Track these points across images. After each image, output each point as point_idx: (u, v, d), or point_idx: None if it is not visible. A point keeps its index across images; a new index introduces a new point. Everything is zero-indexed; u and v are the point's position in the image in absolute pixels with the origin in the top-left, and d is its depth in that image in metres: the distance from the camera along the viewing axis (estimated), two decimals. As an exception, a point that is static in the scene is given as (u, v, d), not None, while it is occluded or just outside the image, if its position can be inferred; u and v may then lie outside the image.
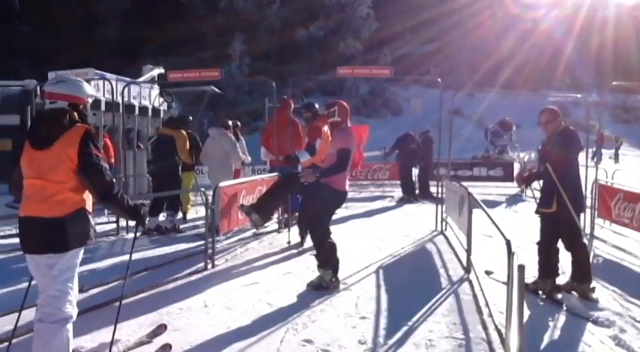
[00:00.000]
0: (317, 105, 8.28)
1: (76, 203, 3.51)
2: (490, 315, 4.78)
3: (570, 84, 41.57)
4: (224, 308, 5.09)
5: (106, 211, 9.50)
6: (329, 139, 6.58)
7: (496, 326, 4.49)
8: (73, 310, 3.52)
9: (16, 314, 3.81)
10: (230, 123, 9.99)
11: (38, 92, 12.75)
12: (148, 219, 3.79)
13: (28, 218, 3.50)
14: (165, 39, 33.80)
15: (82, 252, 3.59)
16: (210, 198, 7.01)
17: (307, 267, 6.59)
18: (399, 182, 14.71)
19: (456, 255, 7.29)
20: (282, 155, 8.33)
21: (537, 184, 5.86)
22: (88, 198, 3.61)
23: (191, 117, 10.49)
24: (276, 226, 9.12)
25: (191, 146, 9.38)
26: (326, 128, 7.21)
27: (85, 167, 3.47)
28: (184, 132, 9.27)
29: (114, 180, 3.64)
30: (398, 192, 14.60)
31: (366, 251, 7.56)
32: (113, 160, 12.26)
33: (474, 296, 5.44)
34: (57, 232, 3.43)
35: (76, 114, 3.60)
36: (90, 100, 3.81)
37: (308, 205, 6.12)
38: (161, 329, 4.49)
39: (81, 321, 4.00)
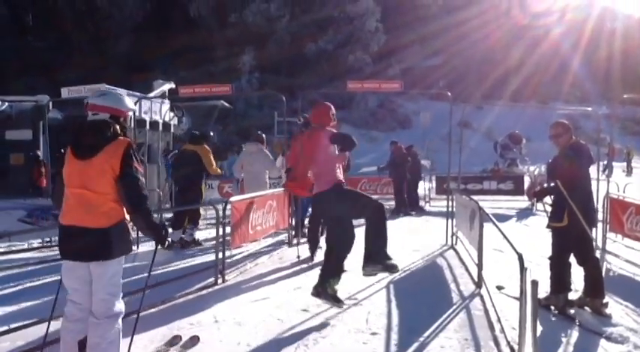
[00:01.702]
0: None
1: (119, 214, 3.69)
2: (502, 331, 4.74)
3: (579, 96, 41.47)
4: (234, 324, 5.09)
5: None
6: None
7: (508, 343, 4.45)
8: (122, 306, 3.80)
9: (38, 325, 4.04)
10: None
11: (50, 107, 12.89)
12: (169, 238, 3.85)
13: (72, 227, 3.65)
14: (175, 53, 34.13)
15: (123, 259, 3.79)
16: (221, 213, 7.02)
17: (317, 282, 6.58)
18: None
19: (466, 269, 7.25)
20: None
21: (548, 198, 5.83)
22: None
23: (212, 133, 10.64)
24: (285, 240, 9.12)
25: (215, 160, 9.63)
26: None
27: (125, 178, 3.63)
28: (207, 147, 9.43)
29: (147, 195, 3.78)
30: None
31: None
32: None
33: (486, 312, 5.40)
34: (103, 242, 3.61)
35: (118, 126, 3.77)
36: (130, 114, 4.01)
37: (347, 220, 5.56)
38: (176, 339, 4.56)
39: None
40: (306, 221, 9.15)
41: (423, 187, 17.02)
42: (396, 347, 4.50)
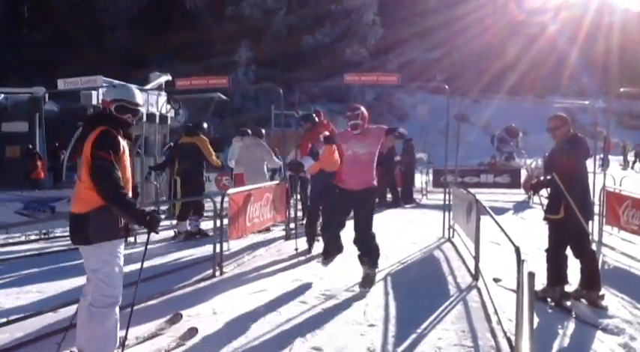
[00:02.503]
0: (314, 115, 8.54)
1: (98, 200, 3.66)
2: (499, 323, 4.76)
3: (577, 90, 41.49)
4: (232, 315, 5.10)
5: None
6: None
7: (505, 334, 4.47)
8: (118, 296, 3.81)
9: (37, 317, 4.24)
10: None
11: (46, 99, 12.83)
12: (159, 221, 3.88)
13: (69, 214, 3.86)
14: (172, 46, 34.01)
15: (116, 246, 3.81)
16: (218, 205, 7.03)
17: (315, 275, 6.60)
18: (399, 188, 14.94)
19: (463, 262, 7.27)
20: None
21: (545, 191, 5.85)
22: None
23: (206, 124, 10.68)
24: (283, 233, 9.14)
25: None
26: (327, 134, 7.32)
27: (92, 168, 3.64)
28: (204, 137, 9.51)
29: (120, 183, 3.67)
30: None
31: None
32: None
33: (483, 304, 5.42)
34: (81, 227, 3.70)
35: (105, 115, 3.86)
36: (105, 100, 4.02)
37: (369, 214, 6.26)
38: (177, 317, 4.75)
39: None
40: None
41: (420, 180, 17.05)
42: (393, 339, 4.52)
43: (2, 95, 15.80)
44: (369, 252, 6.15)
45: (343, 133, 6.47)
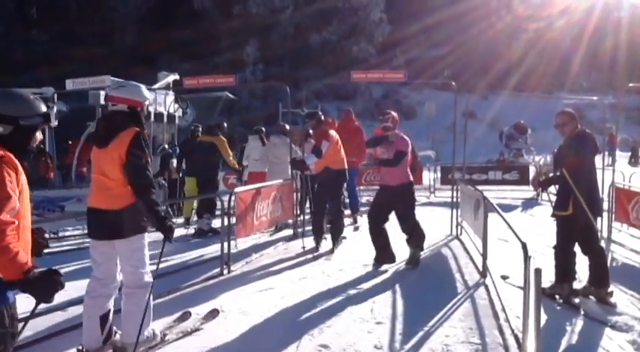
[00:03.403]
0: (320, 113, 9.00)
1: (130, 197, 3.95)
2: (507, 320, 4.75)
3: (585, 86, 41.24)
4: (240, 314, 5.12)
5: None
6: (337, 142, 7.86)
7: (513, 331, 4.47)
8: (149, 278, 4.11)
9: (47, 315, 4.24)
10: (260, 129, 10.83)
11: (55, 99, 12.91)
12: (174, 231, 4.17)
13: (93, 209, 4.04)
14: (179, 45, 34.07)
15: (144, 236, 4.11)
16: (226, 204, 7.05)
17: (322, 272, 6.62)
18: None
19: (471, 259, 7.26)
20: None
21: (553, 188, 5.82)
22: None
23: (225, 124, 10.93)
24: (291, 231, 9.15)
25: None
26: (333, 132, 7.97)
27: (129, 166, 3.89)
28: (223, 138, 9.78)
29: (153, 183, 4.04)
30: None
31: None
32: None
33: (490, 301, 5.42)
34: (116, 222, 3.91)
35: (133, 116, 4.00)
36: (147, 103, 4.21)
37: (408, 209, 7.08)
38: (186, 315, 4.87)
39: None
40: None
41: (428, 177, 17.01)
42: (400, 337, 4.52)
43: (11, 95, 15.89)
44: (413, 235, 6.97)
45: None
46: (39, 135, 2.85)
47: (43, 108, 2.81)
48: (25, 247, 2.64)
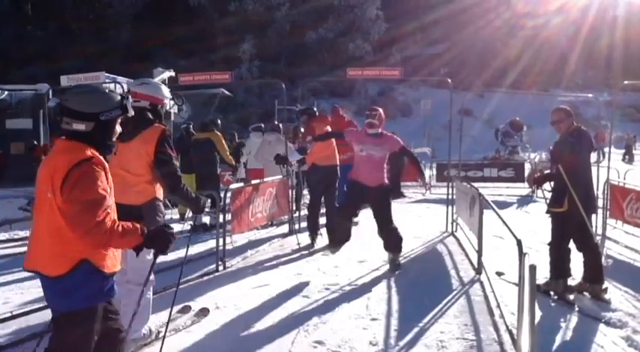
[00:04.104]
0: (315, 108, 9.05)
1: (151, 193, 4.07)
2: (502, 316, 4.77)
3: (580, 83, 41.32)
4: (235, 310, 5.12)
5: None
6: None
7: (507, 327, 4.48)
8: (152, 276, 3.98)
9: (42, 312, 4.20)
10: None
11: (50, 96, 12.87)
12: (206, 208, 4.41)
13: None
14: (175, 41, 34.02)
15: None
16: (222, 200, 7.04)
17: (318, 269, 6.62)
18: (407, 183, 15.01)
19: (466, 256, 7.27)
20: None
21: (548, 185, 5.84)
22: (160, 189, 4.15)
23: (219, 121, 10.93)
24: (286, 228, 9.15)
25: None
26: (329, 128, 7.97)
27: (160, 163, 3.99)
28: (218, 133, 9.80)
29: (181, 177, 4.14)
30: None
31: (377, 252, 7.55)
32: None
33: (485, 298, 5.43)
34: (135, 218, 3.82)
35: (155, 113, 4.13)
36: (166, 102, 4.32)
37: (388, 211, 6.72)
38: (186, 309, 4.97)
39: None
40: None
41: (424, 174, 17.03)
42: (395, 333, 4.53)
43: (6, 92, 15.86)
44: (392, 240, 6.65)
45: (358, 133, 6.86)
46: (118, 128, 2.93)
47: (119, 99, 2.86)
48: None
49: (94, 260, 2.75)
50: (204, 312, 4.93)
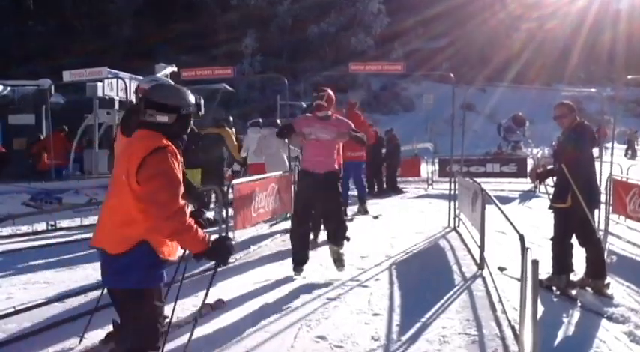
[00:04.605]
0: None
1: None
2: (504, 311, 4.77)
3: (583, 78, 41.20)
4: (237, 305, 5.13)
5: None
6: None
7: (510, 323, 4.48)
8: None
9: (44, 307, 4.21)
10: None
11: (52, 91, 12.87)
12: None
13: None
14: (177, 37, 33.93)
15: None
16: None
17: (320, 264, 6.62)
18: (409, 178, 15.13)
19: (469, 251, 7.28)
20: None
21: (551, 180, 5.83)
22: None
23: (231, 118, 11.02)
24: (289, 224, 9.14)
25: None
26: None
27: None
28: (229, 130, 9.93)
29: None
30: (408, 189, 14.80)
31: (379, 248, 7.57)
32: None
33: (488, 293, 5.43)
34: None
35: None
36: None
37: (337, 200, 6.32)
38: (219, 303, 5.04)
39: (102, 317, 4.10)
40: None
41: (426, 170, 17.04)
42: (398, 328, 4.54)
43: (9, 88, 15.86)
44: (339, 232, 6.21)
45: (307, 118, 6.35)
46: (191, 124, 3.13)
47: (194, 97, 3.12)
48: None
49: (153, 242, 2.89)
50: (217, 304, 5.01)
